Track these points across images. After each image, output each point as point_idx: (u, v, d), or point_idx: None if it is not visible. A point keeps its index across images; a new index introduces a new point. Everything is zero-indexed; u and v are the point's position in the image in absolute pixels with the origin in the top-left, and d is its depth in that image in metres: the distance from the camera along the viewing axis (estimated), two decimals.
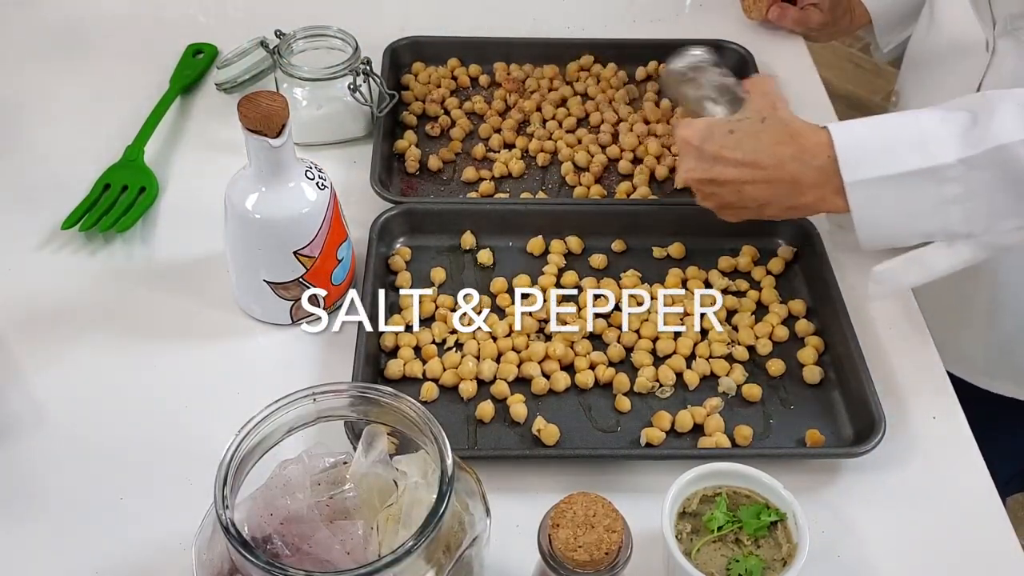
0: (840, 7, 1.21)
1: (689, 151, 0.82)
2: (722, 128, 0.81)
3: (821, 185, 0.76)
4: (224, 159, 0.92)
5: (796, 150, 0.77)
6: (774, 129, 0.79)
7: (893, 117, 0.76)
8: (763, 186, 0.79)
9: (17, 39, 1.21)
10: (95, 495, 0.75)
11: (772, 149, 0.78)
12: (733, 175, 0.80)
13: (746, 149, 0.79)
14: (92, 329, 0.87)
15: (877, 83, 2.59)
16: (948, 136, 0.70)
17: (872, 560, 0.73)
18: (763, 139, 0.79)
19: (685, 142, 0.82)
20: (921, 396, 0.84)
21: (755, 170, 0.79)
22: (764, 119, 0.80)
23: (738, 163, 0.79)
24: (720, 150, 0.80)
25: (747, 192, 0.80)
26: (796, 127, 0.79)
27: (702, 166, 0.81)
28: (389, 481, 0.63)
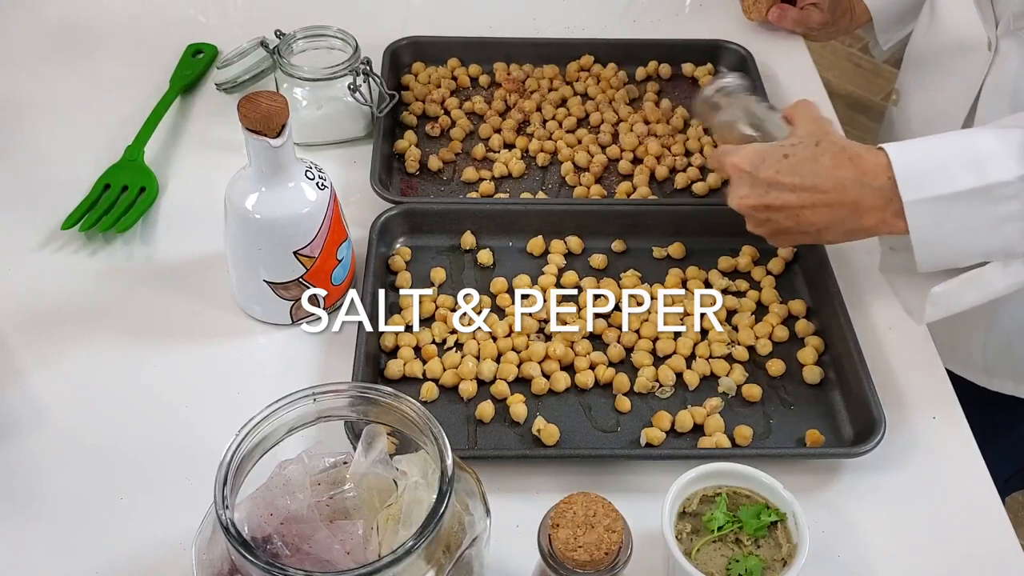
0: (840, 6, 1.21)
1: (742, 177, 0.79)
2: (775, 153, 0.78)
3: (881, 208, 0.75)
4: (224, 159, 0.92)
5: (856, 172, 0.75)
6: (831, 152, 0.77)
7: (949, 136, 0.75)
8: (823, 210, 0.77)
9: (17, 39, 1.21)
10: (95, 495, 0.75)
11: (831, 172, 0.76)
12: (791, 200, 0.77)
13: (804, 173, 0.77)
14: (92, 329, 0.87)
15: (877, 83, 2.59)
16: (1004, 154, 0.70)
17: (872, 560, 0.73)
18: (821, 163, 0.77)
19: (736, 168, 0.79)
20: (921, 396, 0.84)
21: (815, 194, 0.77)
22: (818, 143, 0.78)
23: (796, 188, 0.77)
24: (776, 175, 0.77)
25: (805, 217, 0.78)
26: (854, 150, 0.77)
27: (756, 192, 0.79)
28: (389, 481, 0.63)
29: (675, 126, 1.09)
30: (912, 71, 1.13)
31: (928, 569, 0.74)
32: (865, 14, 1.21)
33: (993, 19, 0.96)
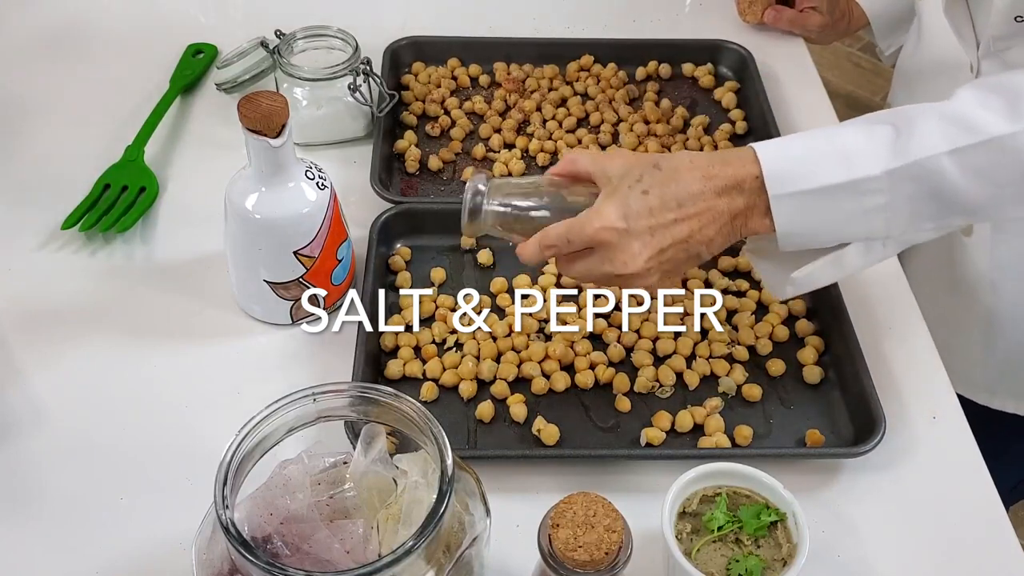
0: (838, 9, 1.21)
1: (621, 238, 0.71)
2: (634, 197, 0.71)
3: (751, 206, 0.72)
4: (224, 159, 0.92)
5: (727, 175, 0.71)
6: (687, 167, 0.72)
7: (817, 133, 0.73)
8: (709, 227, 0.72)
9: (17, 39, 1.21)
10: (95, 495, 0.75)
11: (701, 186, 0.71)
12: (681, 232, 0.71)
13: (679, 199, 0.71)
14: (92, 329, 0.87)
15: (877, 83, 2.59)
16: (871, 149, 0.70)
17: (872, 560, 0.73)
18: (684, 180, 0.71)
19: (608, 231, 0.70)
20: (921, 396, 0.84)
21: (699, 215, 0.71)
22: (656, 164, 0.72)
23: (681, 218, 0.71)
24: (653, 218, 0.71)
25: (695, 241, 0.72)
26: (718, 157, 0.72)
27: (647, 244, 0.71)
28: (389, 480, 0.63)
29: (675, 126, 1.09)
30: (902, 89, 1.13)
31: (928, 569, 0.74)
32: (863, 17, 1.21)
33: (974, 41, 0.96)
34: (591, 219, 0.71)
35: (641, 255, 0.71)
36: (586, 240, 0.72)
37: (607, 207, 0.71)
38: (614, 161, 0.74)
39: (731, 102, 1.13)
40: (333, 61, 1.03)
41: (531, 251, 0.74)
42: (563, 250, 0.73)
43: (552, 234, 0.73)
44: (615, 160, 0.74)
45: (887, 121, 0.71)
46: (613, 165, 0.73)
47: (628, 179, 0.72)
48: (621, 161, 0.73)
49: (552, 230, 0.73)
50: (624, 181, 0.72)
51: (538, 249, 0.74)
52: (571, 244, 0.72)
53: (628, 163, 0.73)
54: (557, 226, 0.73)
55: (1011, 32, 0.91)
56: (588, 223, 0.71)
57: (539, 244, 0.74)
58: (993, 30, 0.92)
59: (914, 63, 1.09)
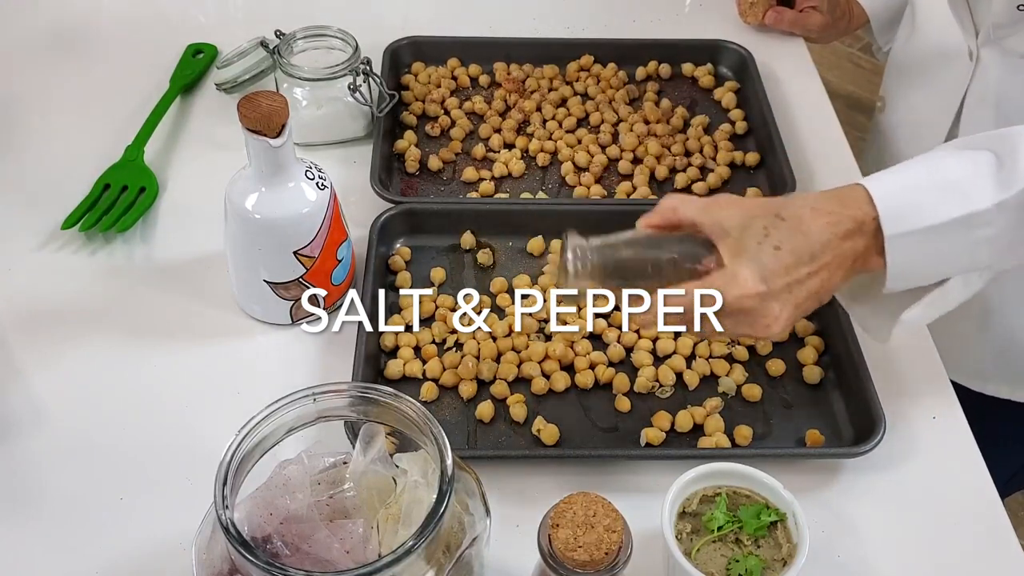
0: (838, 8, 1.21)
1: (763, 300, 0.67)
2: (766, 254, 0.67)
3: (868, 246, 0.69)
4: (224, 159, 0.92)
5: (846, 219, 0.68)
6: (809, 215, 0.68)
7: (918, 164, 0.71)
8: (837, 272, 0.69)
9: (17, 39, 1.21)
10: (95, 495, 0.75)
11: (827, 233, 0.68)
12: (815, 285, 0.68)
13: (811, 251, 0.67)
14: (92, 329, 0.87)
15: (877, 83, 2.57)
16: (979, 180, 0.68)
17: (872, 560, 0.73)
18: (811, 229, 0.68)
19: (749, 297, 0.67)
20: (921, 396, 0.84)
21: (831, 264, 0.68)
22: (778, 213, 0.68)
23: (815, 271, 0.68)
24: (790, 275, 0.67)
25: (826, 290, 0.69)
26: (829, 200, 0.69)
27: (787, 302, 0.68)
28: (388, 479, 0.63)
29: (675, 126, 1.09)
30: (896, 79, 1.13)
31: (928, 569, 0.74)
32: (863, 15, 1.21)
33: (973, 29, 0.96)
34: (727, 286, 0.67)
35: (782, 315, 0.68)
36: (722, 308, 0.67)
37: (742, 271, 0.67)
38: (726, 211, 0.69)
39: (731, 102, 1.13)
40: (333, 61, 1.03)
41: (649, 318, 0.70)
42: (691, 317, 0.69)
43: (676, 301, 0.69)
44: (727, 210, 0.69)
45: (985, 147, 0.69)
46: (727, 216, 0.68)
47: (753, 234, 0.67)
48: (735, 211, 0.69)
49: (675, 297, 0.68)
50: (749, 236, 0.67)
51: (656, 315, 0.70)
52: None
53: (745, 213, 0.68)
54: (682, 292, 0.68)
55: (1013, 20, 0.91)
56: (724, 290, 0.67)
57: (656, 310, 0.70)
58: (994, 18, 0.92)
59: (908, 53, 1.09)
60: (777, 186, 1.01)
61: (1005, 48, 0.95)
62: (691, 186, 1.03)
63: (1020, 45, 0.94)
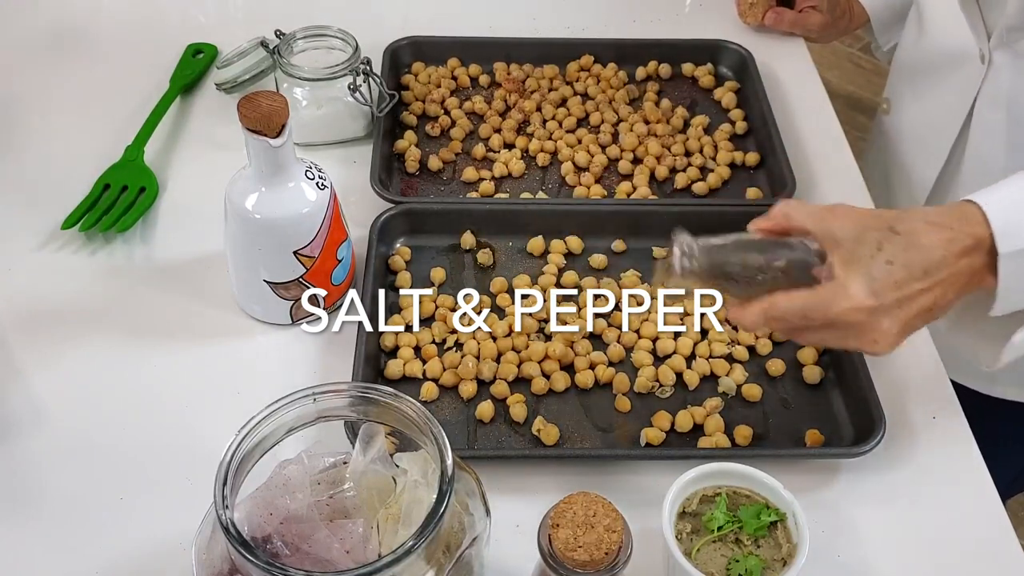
0: (838, 8, 1.21)
1: (873, 315, 0.66)
2: (878, 268, 0.66)
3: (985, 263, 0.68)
4: (224, 159, 0.92)
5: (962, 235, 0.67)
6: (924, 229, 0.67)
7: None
8: (950, 289, 0.67)
9: (17, 39, 1.21)
10: (95, 495, 0.75)
11: (943, 248, 0.66)
12: (927, 301, 0.67)
13: (925, 267, 0.66)
14: (92, 329, 0.87)
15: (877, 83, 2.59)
16: None
17: (872, 560, 0.73)
18: (926, 244, 0.66)
19: (858, 311, 0.65)
20: (921, 396, 0.84)
21: (946, 280, 0.67)
22: (891, 227, 0.67)
23: (929, 287, 0.66)
24: (901, 290, 0.66)
25: (940, 306, 0.68)
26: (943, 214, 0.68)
27: (897, 318, 0.67)
28: (388, 478, 0.63)
29: (675, 126, 1.09)
30: (903, 81, 1.12)
31: (928, 569, 0.74)
32: (864, 14, 1.21)
33: (984, 31, 0.95)
34: (836, 298, 0.66)
35: (891, 331, 0.67)
36: (829, 319, 0.66)
37: (853, 284, 0.65)
38: (840, 221, 0.68)
39: (731, 102, 1.13)
40: (333, 61, 1.03)
41: (754, 320, 0.69)
42: (796, 324, 0.68)
43: (783, 308, 0.67)
44: (841, 220, 0.68)
45: None
46: (841, 226, 0.67)
47: (867, 246, 0.66)
48: (849, 222, 0.67)
49: (783, 303, 0.67)
50: (862, 248, 0.66)
51: (762, 319, 0.69)
52: (808, 320, 0.67)
53: (858, 224, 0.67)
54: (790, 299, 0.67)
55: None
56: (833, 302, 0.66)
57: (764, 315, 0.68)
58: (1008, 20, 0.92)
59: (916, 56, 1.08)
60: (777, 186, 1.01)
61: (1018, 51, 0.94)
62: (691, 186, 1.03)
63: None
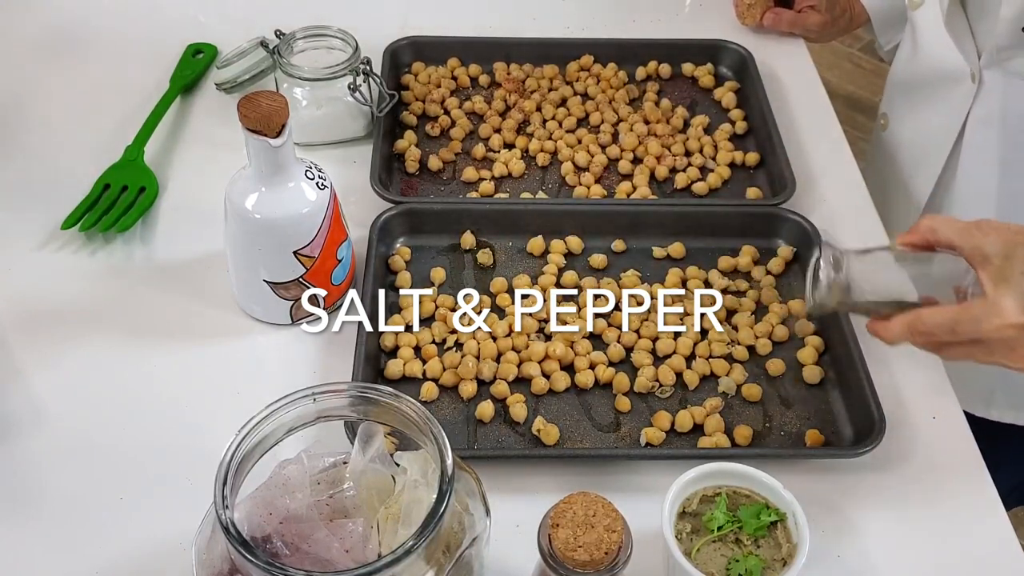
0: (838, 6, 1.21)
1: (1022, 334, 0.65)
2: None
3: None
4: (224, 159, 0.92)
5: None
6: None
7: None
8: None
9: (17, 39, 1.21)
10: (95, 495, 0.75)
11: None
12: None
13: None
14: (92, 329, 0.87)
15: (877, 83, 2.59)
16: None
17: (872, 560, 0.73)
18: None
19: (1011, 327, 0.65)
20: (921, 396, 0.84)
21: None
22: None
23: None
24: None
25: None
26: None
27: None
28: (388, 477, 0.63)
29: (675, 126, 1.09)
30: (899, 98, 1.12)
31: (928, 569, 0.74)
32: (864, 13, 1.21)
33: (975, 51, 0.95)
34: (988, 315, 0.65)
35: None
36: (979, 335, 0.66)
37: (1004, 301, 0.65)
38: (989, 236, 0.67)
39: (731, 102, 1.13)
40: (333, 61, 1.03)
41: (898, 334, 0.69)
42: (942, 339, 0.68)
43: (931, 322, 0.67)
44: (989, 235, 0.67)
45: None
46: (989, 242, 0.67)
47: (1017, 263, 0.66)
48: (998, 237, 0.67)
49: (931, 318, 0.67)
50: (1013, 265, 0.66)
51: (907, 333, 0.68)
52: (956, 335, 0.67)
53: (1008, 240, 0.67)
54: (938, 314, 0.67)
55: (1017, 42, 0.91)
56: (984, 319, 0.65)
57: (909, 328, 0.68)
58: (997, 40, 0.92)
59: (910, 72, 1.09)
60: (777, 186, 1.01)
61: (1008, 70, 0.94)
62: (691, 186, 1.03)
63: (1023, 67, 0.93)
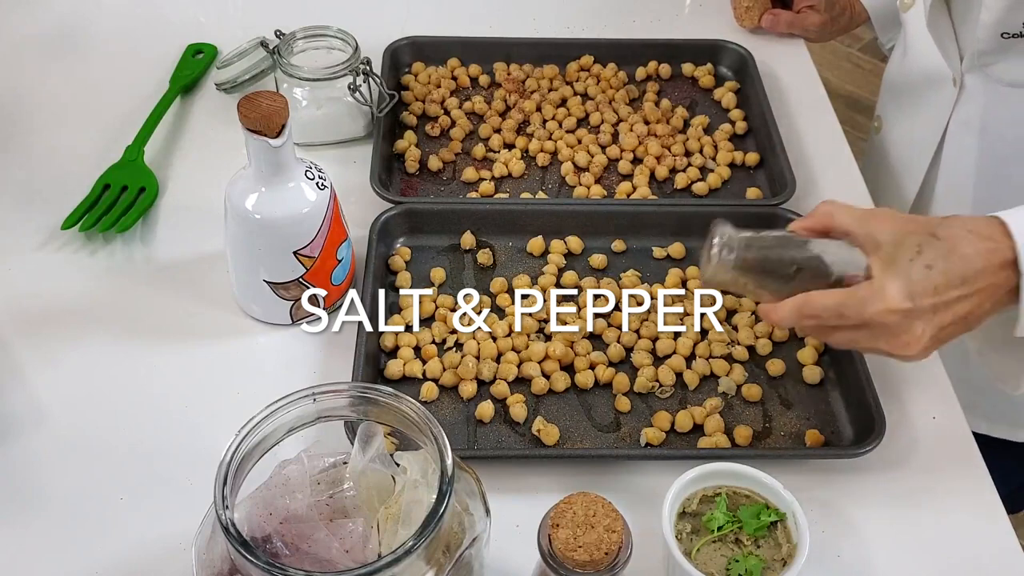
0: (837, 5, 1.21)
1: (906, 318, 0.66)
2: (917, 271, 0.65)
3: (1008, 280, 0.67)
4: (224, 159, 0.92)
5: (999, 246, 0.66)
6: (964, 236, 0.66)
7: None
8: (986, 303, 0.67)
9: (17, 39, 1.21)
10: (95, 495, 0.75)
11: (981, 258, 0.66)
12: (963, 309, 0.66)
13: (962, 274, 0.65)
14: (92, 329, 0.87)
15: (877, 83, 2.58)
16: None
17: (872, 560, 0.73)
18: (964, 251, 0.66)
19: (891, 312, 0.66)
20: (921, 396, 0.84)
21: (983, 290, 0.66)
22: (934, 232, 0.66)
23: (966, 294, 0.66)
24: (938, 295, 0.65)
25: (975, 317, 0.67)
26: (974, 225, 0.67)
27: (930, 323, 0.66)
28: (388, 477, 0.63)
29: (675, 126, 1.09)
30: (891, 98, 1.13)
31: (928, 569, 0.74)
32: (865, 12, 1.21)
33: (957, 54, 0.95)
34: (872, 299, 0.66)
35: (924, 336, 0.66)
36: (864, 320, 0.66)
37: (890, 286, 0.65)
38: (882, 224, 0.68)
39: (731, 102, 1.13)
40: (333, 61, 1.03)
41: (786, 316, 0.69)
42: (829, 323, 0.68)
43: (818, 305, 0.67)
44: (883, 223, 0.68)
45: None
46: (882, 229, 0.67)
47: (906, 250, 0.66)
48: (891, 225, 0.68)
49: (818, 300, 0.67)
50: (902, 252, 0.66)
51: (796, 316, 0.69)
52: (843, 319, 0.67)
53: (900, 229, 0.67)
54: (826, 297, 0.67)
55: (997, 47, 0.91)
56: (869, 303, 0.66)
57: (798, 311, 0.68)
58: (979, 45, 0.92)
59: (900, 74, 1.09)
60: (777, 186, 1.01)
61: (989, 75, 0.94)
62: (691, 186, 1.03)
63: (1004, 73, 0.93)
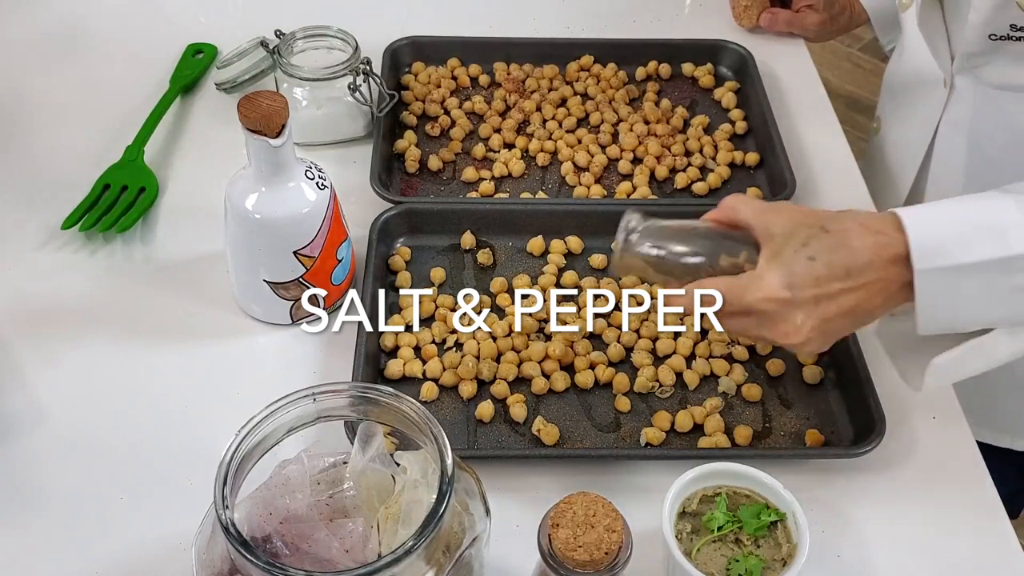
0: (837, 5, 1.21)
1: (785, 307, 0.67)
2: (798, 262, 0.67)
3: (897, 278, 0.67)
4: (224, 159, 0.92)
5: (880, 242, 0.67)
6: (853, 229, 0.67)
7: (966, 202, 0.69)
8: (876, 296, 0.67)
9: (17, 39, 1.21)
10: (95, 495, 0.75)
11: (869, 252, 0.66)
12: (848, 302, 0.67)
13: (848, 266, 0.66)
14: (92, 329, 0.87)
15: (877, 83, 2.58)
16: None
17: (872, 560, 0.73)
18: (852, 244, 0.66)
19: (770, 300, 0.67)
20: (921, 396, 0.84)
21: (868, 283, 0.67)
22: (823, 226, 0.68)
23: (851, 288, 0.66)
24: (820, 286, 0.66)
25: (862, 309, 0.68)
26: (867, 220, 0.68)
27: (811, 313, 0.67)
28: (388, 477, 0.63)
29: (675, 126, 1.09)
30: (889, 99, 1.13)
31: (928, 569, 0.74)
32: (864, 12, 1.21)
33: (949, 56, 0.96)
34: (752, 286, 0.67)
35: (804, 326, 0.67)
36: (744, 307, 0.68)
37: (769, 274, 0.67)
38: (779, 217, 0.69)
39: (731, 102, 1.13)
40: (333, 61, 1.03)
41: (684, 301, 0.71)
42: (723, 309, 0.69)
43: (706, 288, 0.69)
44: (780, 216, 0.69)
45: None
46: (777, 222, 0.69)
47: (793, 241, 0.67)
48: (786, 218, 0.69)
49: (707, 285, 0.69)
50: (789, 243, 0.68)
51: (690, 300, 0.70)
52: (728, 304, 0.68)
53: (793, 221, 0.69)
54: (713, 283, 0.69)
55: (985, 49, 0.91)
56: (748, 290, 0.67)
57: (690, 296, 0.70)
58: (968, 47, 0.92)
59: (897, 75, 1.10)
60: (777, 186, 1.01)
61: (979, 77, 0.95)
62: (691, 186, 1.03)
63: (993, 75, 0.93)
